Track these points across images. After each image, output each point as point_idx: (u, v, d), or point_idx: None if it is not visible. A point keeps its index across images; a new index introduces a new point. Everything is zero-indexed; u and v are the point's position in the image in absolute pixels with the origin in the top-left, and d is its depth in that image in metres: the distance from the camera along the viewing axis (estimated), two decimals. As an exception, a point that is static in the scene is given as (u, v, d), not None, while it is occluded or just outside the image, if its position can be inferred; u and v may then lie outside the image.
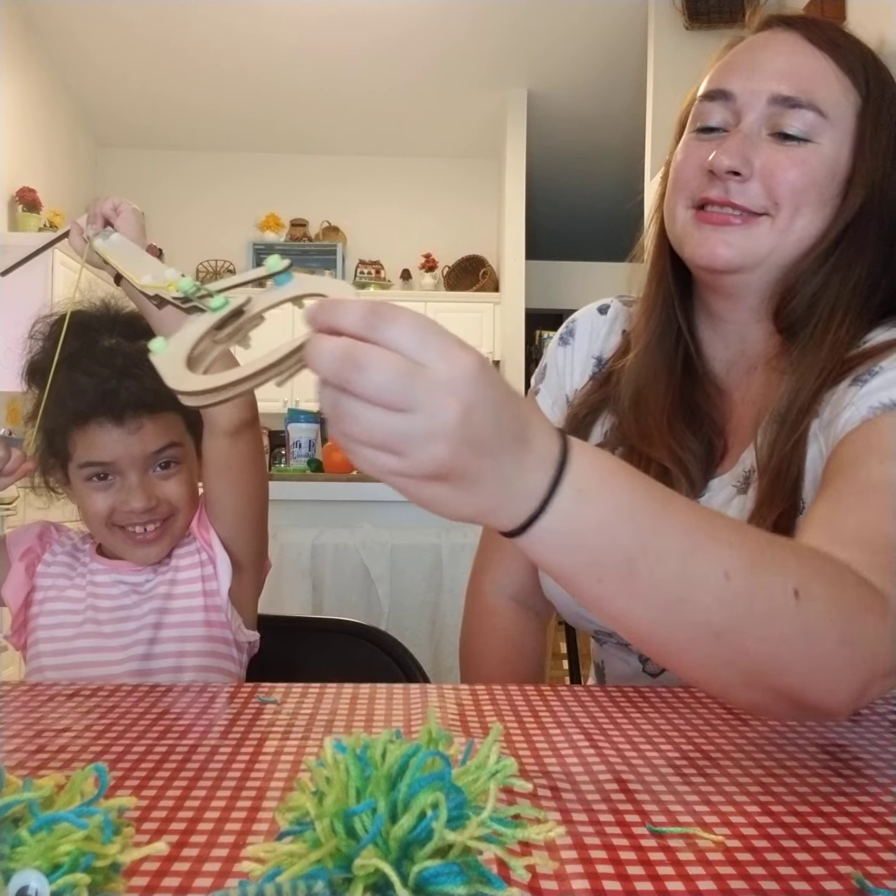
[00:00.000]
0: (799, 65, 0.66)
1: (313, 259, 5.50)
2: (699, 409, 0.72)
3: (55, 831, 0.28)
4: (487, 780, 0.30)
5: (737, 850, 0.38)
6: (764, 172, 0.64)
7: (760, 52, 0.67)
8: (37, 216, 4.39)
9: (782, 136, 0.65)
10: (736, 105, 0.66)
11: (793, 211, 0.65)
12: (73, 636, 0.83)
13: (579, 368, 0.81)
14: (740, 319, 0.72)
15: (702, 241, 0.66)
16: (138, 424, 0.82)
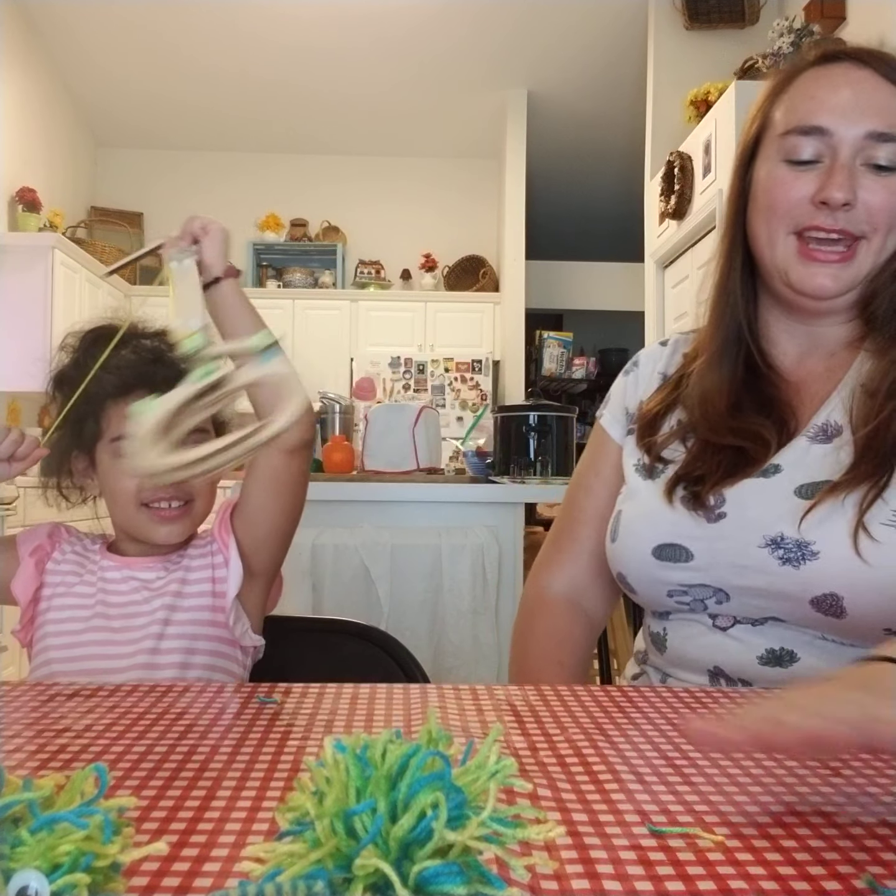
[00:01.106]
0: (884, 102, 0.74)
1: (313, 259, 5.50)
2: (768, 399, 0.80)
3: (55, 831, 0.28)
4: (487, 780, 0.30)
5: (737, 850, 0.38)
6: (865, 201, 0.73)
7: (845, 90, 0.75)
8: (37, 216, 4.40)
9: (875, 167, 0.73)
10: (832, 140, 0.74)
11: (886, 232, 0.74)
12: (83, 630, 0.84)
13: (645, 385, 0.91)
14: (824, 324, 0.80)
15: (810, 276, 0.75)
16: None
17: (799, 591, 0.70)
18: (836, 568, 0.68)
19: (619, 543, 0.82)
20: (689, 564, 0.75)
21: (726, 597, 0.75)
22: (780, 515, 0.72)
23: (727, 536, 0.74)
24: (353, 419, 2.74)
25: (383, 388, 4.83)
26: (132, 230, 5.37)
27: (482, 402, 4.85)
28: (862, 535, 0.67)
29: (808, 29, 2.67)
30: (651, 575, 0.78)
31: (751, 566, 0.72)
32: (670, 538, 0.77)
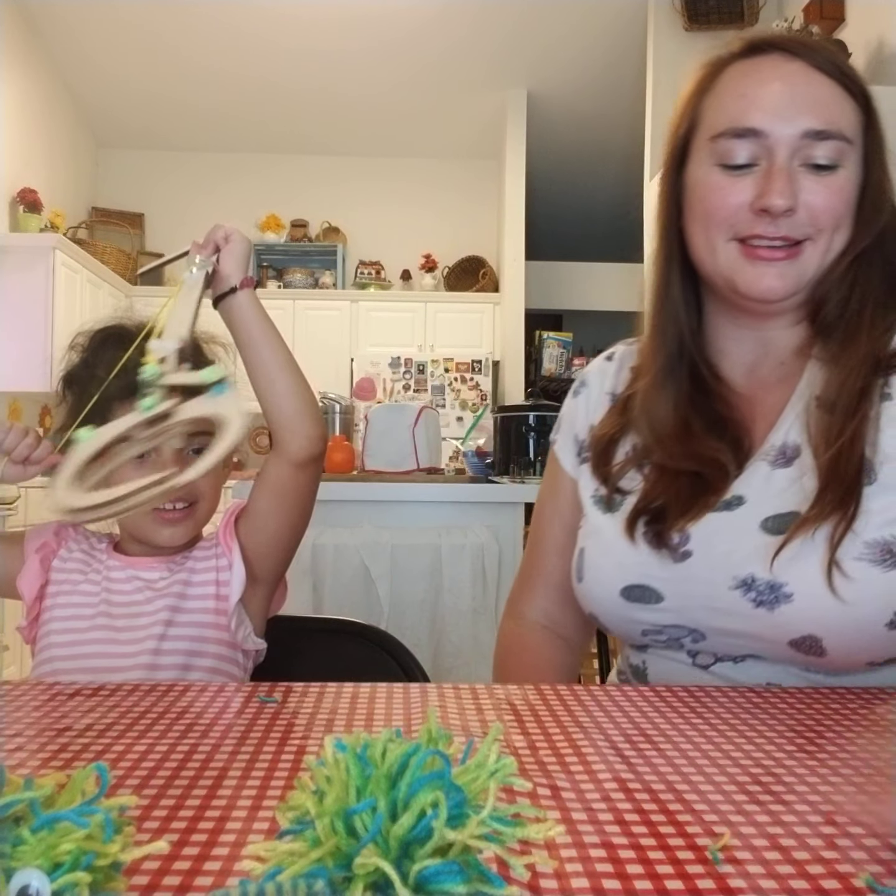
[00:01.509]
0: (819, 96, 0.69)
1: (314, 260, 5.50)
2: (720, 418, 0.76)
3: (56, 830, 0.28)
4: (487, 778, 0.30)
5: (736, 850, 0.38)
6: (807, 204, 0.69)
7: (776, 85, 0.69)
8: (38, 217, 4.40)
9: (815, 167, 0.69)
10: (767, 142, 0.69)
11: (832, 232, 0.70)
12: (87, 628, 0.84)
13: (594, 407, 0.87)
14: (773, 327, 0.77)
15: (757, 278, 0.71)
16: None
17: (776, 634, 0.68)
18: (811, 610, 0.66)
19: (585, 584, 0.78)
20: (659, 606, 0.73)
21: (702, 636, 0.72)
22: (749, 554, 0.69)
23: (695, 577, 0.71)
24: (354, 419, 2.74)
25: (383, 388, 4.83)
26: (133, 231, 5.37)
27: (482, 403, 4.85)
28: (835, 573, 0.65)
29: (808, 30, 2.67)
30: (622, 615, 0.75)
31: (723, 609, 0.70)
32: (637, 579, 0.74)
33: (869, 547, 0.66)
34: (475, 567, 1.97)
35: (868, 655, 0.67)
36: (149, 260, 5.40)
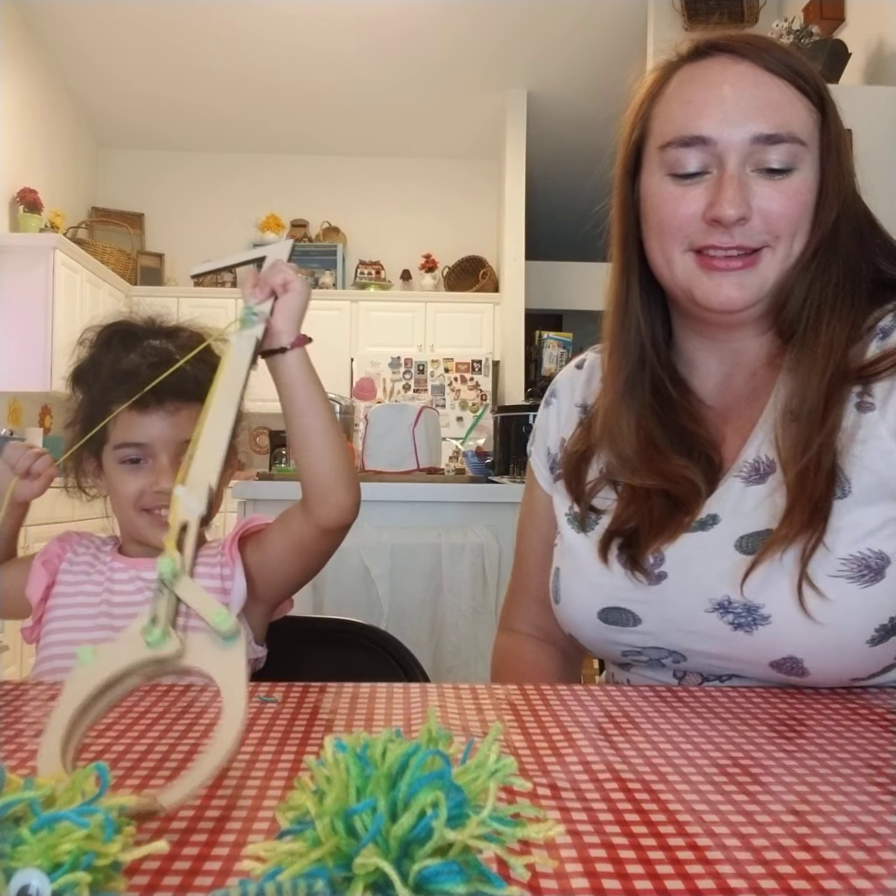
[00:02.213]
0: (768, 98, 0.66)
1: (313, 259, 5.50)
2: (687, 432, 0.74)
3: (56, 830, 0.28)
4: (487, 779, 0.30)
5: (736, 850, 0.38)
6: (761, 211, 0.66)
7: (723, 89, 0.66)
8: (37, 217, 4.40)
9: (768, 171, 0.66)
10: (716, 149, 0.66)
11: (790, 237, 0.67)
12: (88, 628, 0.84)
13: (564, 420, 0.85)
14: (740, 338, 0.75)
15: (715, 289, 0.68)
16: (175, 408, 0.85)
17: (756, 656, 0.67)
18: (790, 631, 0.64)
19: (563, 606, 0.77)
20: (637, 628, 0.72)
21: (683, 657, 0.71)
22: (723, 575, 0.67)
23: (671, 600, 0.70)
24: (354, 419, 2.74)
25: (383, 388, 4.83)
26: (133, 231, 5.37)
27: (482, 403, 4.85)
28: (810, 594, 0.63)
29: (808, 30, 2.67)
30: (601, 636, 0.74)
31: (702, 632, 0.68)
32: (613, 602, 0.72)
33: (845, 563, 0.64)
34: (475, 567, 1.97)
35: (851, 673, 0.65)
36: (148, 260, 5.40)
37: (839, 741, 0.53)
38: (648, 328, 0.76)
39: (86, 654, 0.43)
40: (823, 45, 2.62)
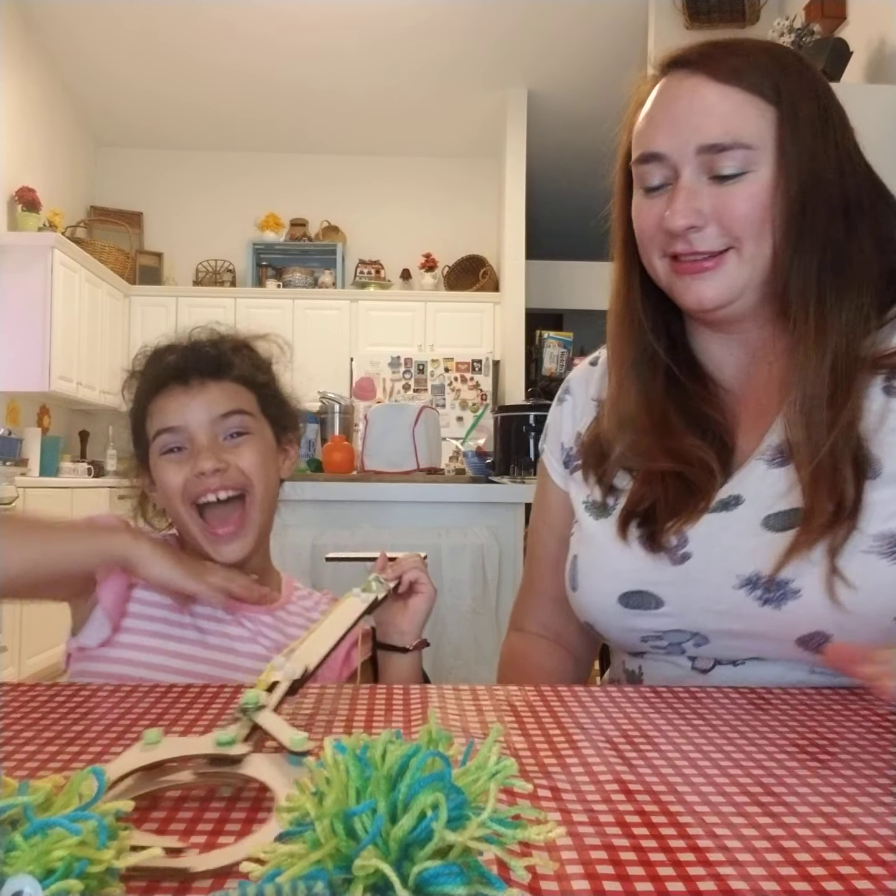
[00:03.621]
0: (713, 108, 0.68)
1: (313, 259, 5.50)
2: (701, 414, 0.75)
3: (49, 836, 0.28)
4: (487, 780, 0.30)
5: (737, 851, 0.38)
6: (715, 216, 0.69)
7: (674, 105, 0.70)
8: (36, 216, 4.40)
9: (720, 178, 0.68)
10: (670, 162, 0.70)
11: (755, 238, 0.69)
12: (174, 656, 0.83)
13: (580, 414, 0.86)
14: (742, 330, 0.76)
15: (685, 290, 0.72)
16: (201, 385, 0.85)
17: (783, 632, 0.67)
18: (821, 606, 0.65)
19: (580, 593, 0.77)
20: (659, 611, 0.72)
21: (705, 640, 0.71)
22: (752, 551, 0.68)
23: (696, 579, 0.70)
24: (353, 419, 2.74)
25: (383, 388, 4.83)
26: (132, 230, 5.37)
27: (482, 402, 4.85)
28: (842, 570, 0.64)
29: (809, 28, 2.67)
30: (621, 623, 0.74)
31: (727, 610, 0.69)
32: (635, 585, 0.72)
33: (877, 540, 0.65)
34: (475, 567, 1.97)
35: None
36: (147, 259, 5.40)
37: (841, 742, 0.53)
38: (650, 322, 0.77)
39: (152, 735, 0.44)
40: (825, 44, 2.62)
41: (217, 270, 5.48)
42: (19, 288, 4.15)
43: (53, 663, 3.59)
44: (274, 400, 0.91)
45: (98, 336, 4.81)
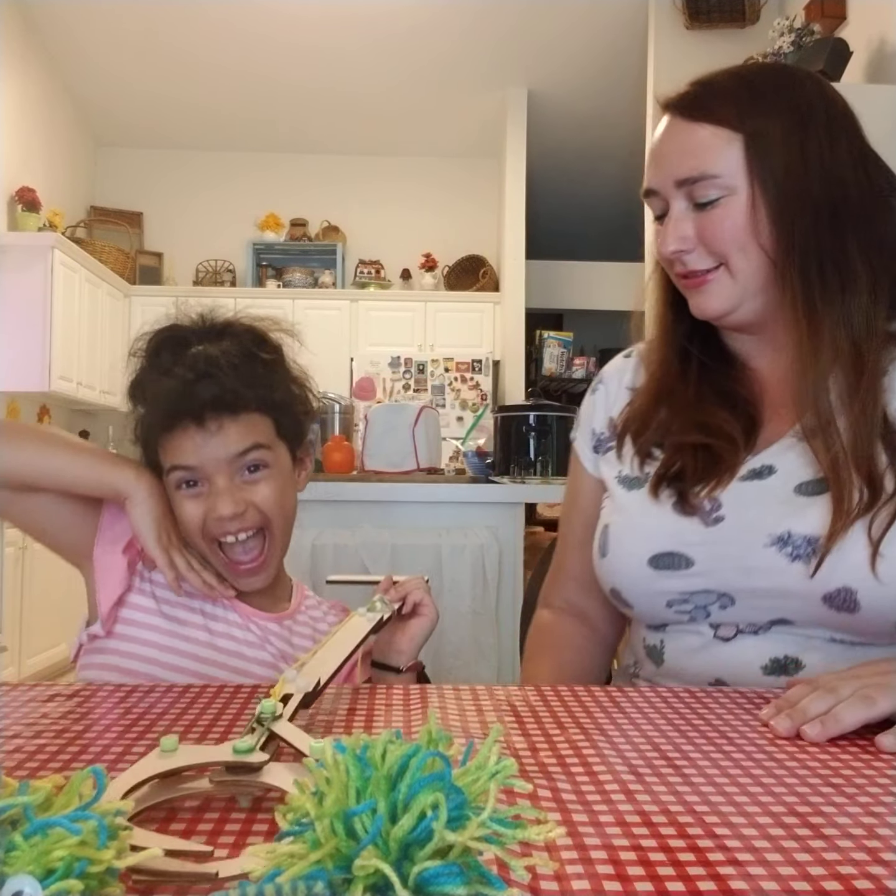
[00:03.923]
0: (684, 146, 0.76)
1: (313, 259, 5.50)
2: (732, 391, 0.81)
3: (49, 836, 0.28)
4: (487, 780, 0.30)
5: (737, 851, 0.38)
6: (700, 239, 0.77)
7: (659, 146, 0.79)
8: (36, 216, 4.40)
9: (701, 205, 0.76)
10: (661, 196, 0.79)
11: (737, 254, 0.75)
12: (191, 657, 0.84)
13: (612, 401, 0.91)
14: (770, 330, 0.80)
15: (693, 303, 0.80)
16: (219, 425, 0.81)
17: (810, 589, 0.69)
18: (850, 560, 0.67)
19: (610, 558, 0.80)
20: (689, 571, 0.74)
21: (731, 601, 0.73)
22: (784, 514, 0.71)
23: (729, 539, 0.73)
24: (353, 419, 2.74)
25: (383, 388, 4.83)
26: (132, 230, 5.37)
27: (482, 402, 4.85)
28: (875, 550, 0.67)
29: (809, 28, 2.67)
30: (648, 587, 0.77)
31: (757, 567, 0.71)
32: (667, 546, 0.75)
33: None
34: (475, 568, 1.97)
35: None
36: (147, 259, 5.40)
37: (841, 742, 0.53)
38: (683, 325, 0.84)
39: (169, 743, 0.44)
40: (825, 44, 2.62)
41: (217, 270, 5.48)
42: (19, 288, 4.15)
43: (54, 663, 3.59)
44: (290, 417, 0.88)
45: (98, 336, 4.81)
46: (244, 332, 0.88)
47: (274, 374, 0.87)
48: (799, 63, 2.63)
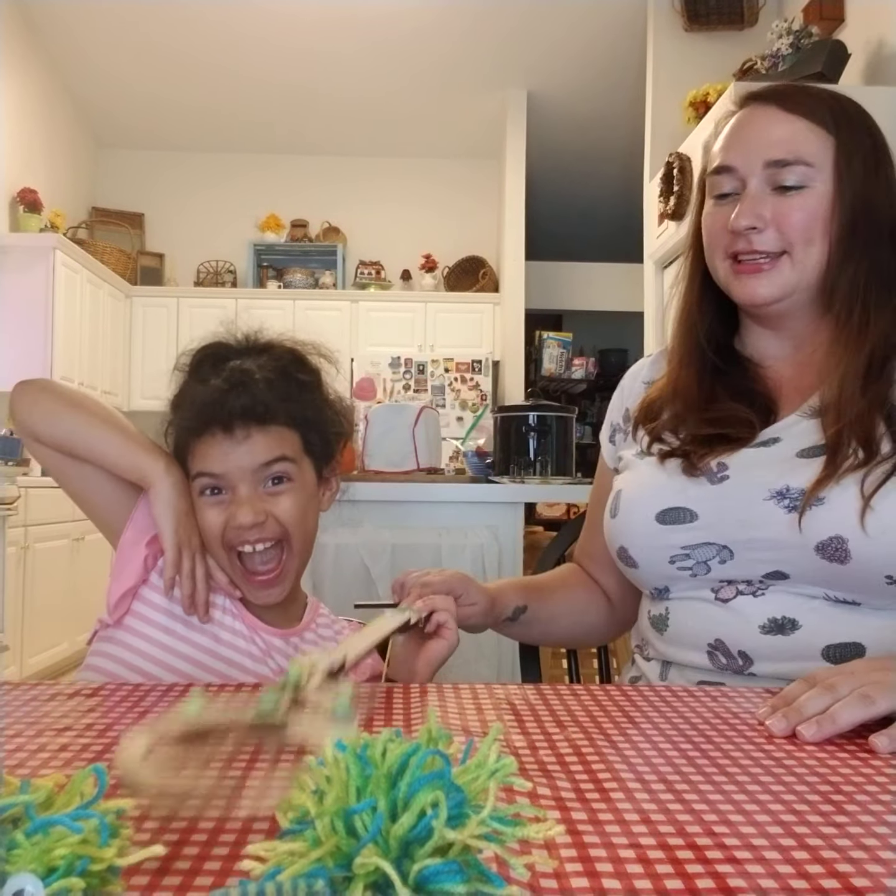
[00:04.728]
0: (780, 131, 0.81)
1: (314, 260, 5.50)
2: (746, 388, 0.85)
3: (51, 834, 0.28)
4: (487, 778, 0.30)
5: (735, 849, 0.38)
6: (775, 221, 0.80)
7: (747, 128, 0.83)
8: (38, 217, 4.40)
9: (783, 189, 0.80)
10: (740, 174, 0.82)
11: (805, 245, 0.80)
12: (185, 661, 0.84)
13: (627, 394, 0.98)
14: (793, 326, 0.85)
15: (742, 287, 0.82)
16: (246, 434, 0.82)
17: (804, 539, 0.72)
18: (842, 510, 0.71)
19: (620, 516, 0.85)
20: (693, 524, 0.79)
21: (730, 554, 0.77)
22: (785, 471, 0.76)
23: (731, 495, 0.78)
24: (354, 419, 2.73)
25: (383, 388, 4.83)
26: (133, 231, 5.37)
27: (482, 403, 4.85)
28: (867, 504, 0.70)
29: (807, 30, 2.67)
30: (653, 542, 0.81)
31: (755, 518, 0.76)
32: (674, 502, 0.80)
33: None
34: (475, 567, 1.97)
35: (888, 566, 0.70)
36: (148, 260, 5.40)
37: (838, 741, 0.53)
38: (704, 328, 0.89)
39: (193, 704, 0.44)
40: (823, 46, 2.62)
41: (218, 271, 5.48)
42: (21, 289, 4.16)
43: (55, 662, 3.59)
44: (318, 434, 0.89)
45: (100, 337, 4.82)
46: (285, 352, 0.89)
47: (307, 393, 0.88)
48: (797, 65, 2.63)
